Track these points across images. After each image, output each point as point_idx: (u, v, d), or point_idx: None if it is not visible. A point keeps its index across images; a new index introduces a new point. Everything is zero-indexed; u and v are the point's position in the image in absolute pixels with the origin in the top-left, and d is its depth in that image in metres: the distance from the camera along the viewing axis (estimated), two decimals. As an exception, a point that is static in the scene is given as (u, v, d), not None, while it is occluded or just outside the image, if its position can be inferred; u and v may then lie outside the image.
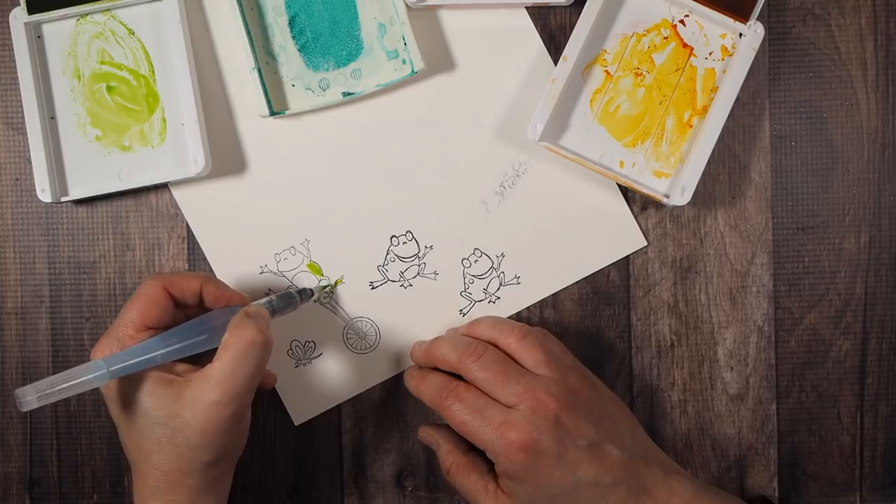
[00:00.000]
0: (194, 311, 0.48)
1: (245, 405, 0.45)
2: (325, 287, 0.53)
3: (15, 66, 0.51)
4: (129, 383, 0.45)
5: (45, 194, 0.51)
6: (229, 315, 0.46)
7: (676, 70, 0.52)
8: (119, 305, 0.54)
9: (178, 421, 0.43)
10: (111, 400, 0.46)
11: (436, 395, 0.48)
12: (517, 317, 0.54)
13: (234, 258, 0.54)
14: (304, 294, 0.52)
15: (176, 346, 0.44)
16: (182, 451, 0.44)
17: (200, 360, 0.45)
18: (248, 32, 0.51)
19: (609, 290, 0.55)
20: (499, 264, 0.54)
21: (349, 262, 0.54)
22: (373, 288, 0.54)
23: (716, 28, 0.52)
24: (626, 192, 0.54)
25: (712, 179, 0.54)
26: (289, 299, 0.51)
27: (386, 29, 0.52)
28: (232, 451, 0.46)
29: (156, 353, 0.44)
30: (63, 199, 0.52)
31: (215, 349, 0.45)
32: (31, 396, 0.40)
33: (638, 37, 0.52)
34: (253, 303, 0.49)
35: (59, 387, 0.41)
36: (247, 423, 0.46)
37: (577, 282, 0.54)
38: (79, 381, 0.41)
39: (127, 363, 0.43)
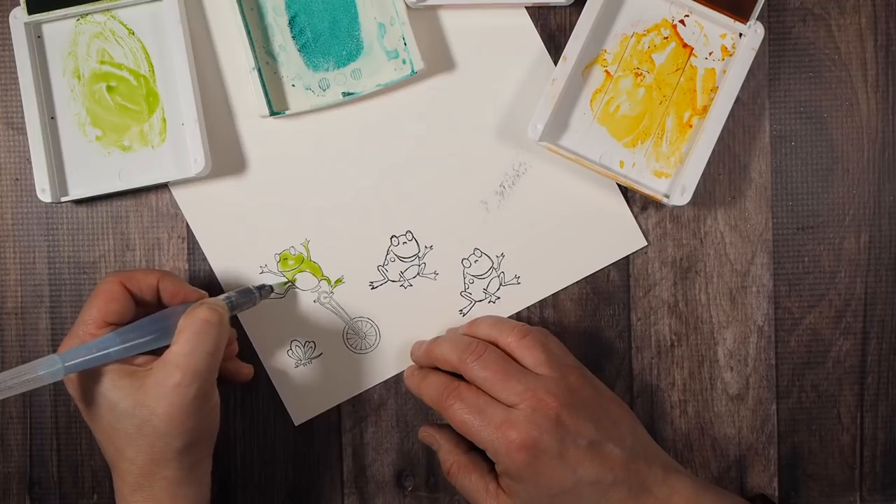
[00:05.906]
0: (153, 308, 0.48)
1: (208, 385, 0.45)
2: (285, 284, 0.53)
3: (15, 66, 0.51)
4: (93, 380, 0.45)
5: (45, 194, 0.51)
6: (186, 310, 0.46)
7: (676, 70, 0.52)
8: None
9: (144, 409, 0.44)
10: (78, 400, 0.46)
11: (436, 394, 0.48)
12: (517, 317, 0.54)
13: (234, 258, 0.54)
14: (264, 290, 0.52)
15: (133, 343, 0.44)
16: (152, 440, 0.44)
17: (159, 354, 0.45)
18: (248, 32, 0.51)
19: (609, 290, 0.55)
20: (499, 264, 0.54)
21: (349, 262, 0.54)
22: (373, 288, 0.54)
23: (716, 28, 0.52)
24: (626, 192, 0.54)
25: (712, 179, 0.54)
26: (247, 295, 0.51)
27: (386, 29, 0.52)
28: (204, 436, 0.46)
29: (111, 349, 0.44)
30: (63, 199, 0.51)
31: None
32: None
33: (638, 37, 0.52)
34: (211, 298, 0.49)
35: (13, 381, 0.40)
36: (215, 405, 0.46)
37: (577, 282, 0.54)
38: (33, 376, 0.41)
39: (82, 358, 0.43)
